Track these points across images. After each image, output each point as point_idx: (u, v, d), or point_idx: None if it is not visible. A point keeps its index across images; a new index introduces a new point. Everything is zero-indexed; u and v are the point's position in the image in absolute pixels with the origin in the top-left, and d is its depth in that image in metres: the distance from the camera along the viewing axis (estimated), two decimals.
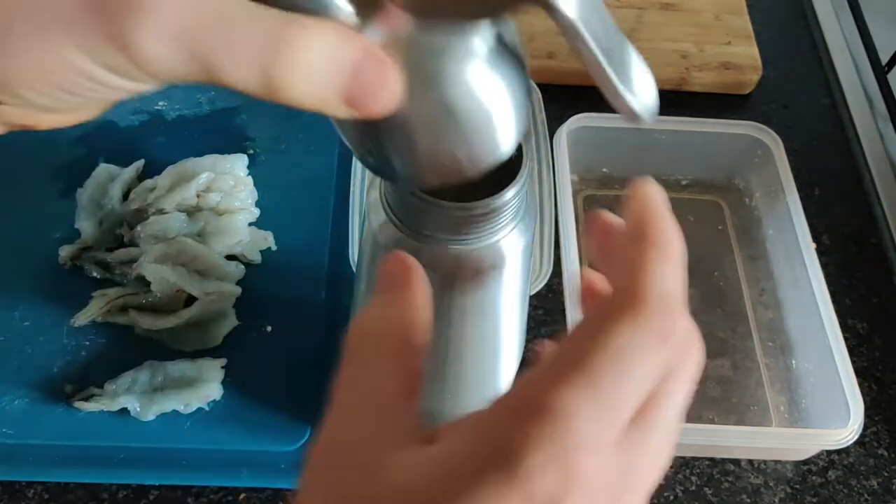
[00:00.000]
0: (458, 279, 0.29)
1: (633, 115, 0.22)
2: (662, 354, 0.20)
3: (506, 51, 0.23)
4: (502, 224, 0.29)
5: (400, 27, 0.22)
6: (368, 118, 0.22)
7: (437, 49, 0.22)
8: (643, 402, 0.20)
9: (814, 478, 0.50)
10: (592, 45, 0.21)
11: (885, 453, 0.51)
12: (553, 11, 0.20)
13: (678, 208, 0.60)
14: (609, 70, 0.22)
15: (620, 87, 0.22)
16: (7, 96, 0.20)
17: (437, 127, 0.23)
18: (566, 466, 0.18)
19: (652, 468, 0.21)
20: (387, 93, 0.21)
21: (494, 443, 0.19)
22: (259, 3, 0.20)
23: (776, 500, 0.49)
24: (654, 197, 0.23)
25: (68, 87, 0.20)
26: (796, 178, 0.57)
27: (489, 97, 0.23)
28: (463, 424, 0.20)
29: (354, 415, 0.22)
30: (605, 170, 0.63)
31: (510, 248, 0.29)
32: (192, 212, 0.54)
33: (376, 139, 0.24)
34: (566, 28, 0.21)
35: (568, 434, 0.18)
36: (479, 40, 0.22)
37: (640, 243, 0.22)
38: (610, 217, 0.25)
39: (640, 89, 0.23)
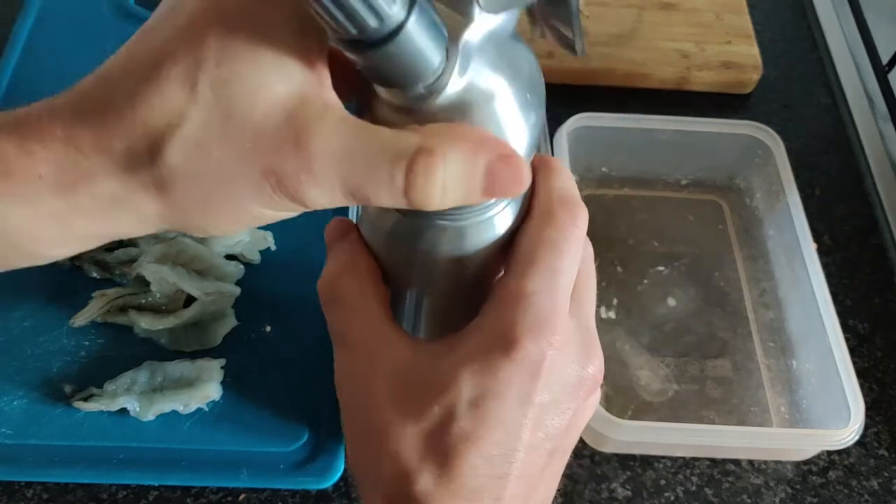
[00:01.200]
0: (456, 256, 0.29)
1: (578, 51, 0.27)
2: (576, 232, 0.29)
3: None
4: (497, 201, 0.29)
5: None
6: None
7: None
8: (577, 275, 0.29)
9: (814, 478, 0.50)
10: None
11: (886, 454, 0.51)
12: None
13: (678, 208, 0.62)
14: (574, 7, 0.26)
15: (576, 27, 0.26)
16: (198, 234, 0.26)
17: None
18: (544, 330, 0.27)
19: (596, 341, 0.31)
20: (519, 186, 0.25)
21: (495, 334, 0.28)
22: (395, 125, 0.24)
23: (776, 500, 0.49)
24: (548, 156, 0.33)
25: (244, 227, 0.26)
26: (797, 177, 0.57)
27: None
28: (470, 327, 0.29)
29: (364, 348, 0.30)
30: (605, 169, 0.62)
31: (504, 223, 0.30)
32: None
33: None
34: None
35: (538, 308, 0.27)
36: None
37: (541, 170, 0.30)
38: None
39: (580, 34, 0.27)
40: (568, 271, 0.29)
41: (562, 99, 0.62)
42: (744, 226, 0.61)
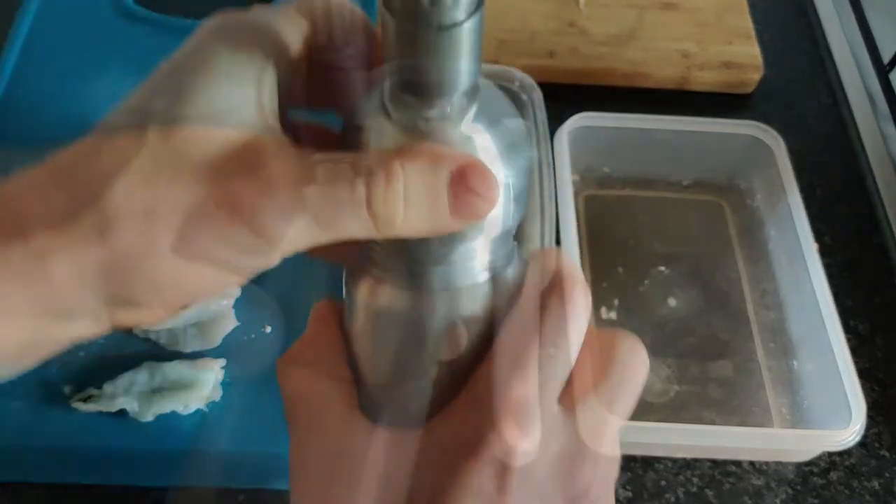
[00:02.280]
0: (464, 315, 0.27)
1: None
2: (573, 311, 0.25)
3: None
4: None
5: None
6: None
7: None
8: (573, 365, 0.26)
9: (815, 479, 0.50)
10: None
11: (887, 454, 0.51)
12: None
13: (679, 209, 0.62)
14: None
15: None
16: (146, 304, 0.23)
17: None
18: (514, 429, 0.24)
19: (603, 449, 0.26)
20: (492, 194, 0.23)
21: (460, 430, 0.25)
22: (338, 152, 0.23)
23: (777, 501, 0.49)
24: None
25: (203, 288, 0.23)
26: (798, 178, 0.57)
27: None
28: (437, 420, 0.26)
29: (316, 432, 0.28)
30: (606, 169, 0.62)
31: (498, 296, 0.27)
32: None
33: None
34: None
35: (511, 402, 0.24)
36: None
37: (534, 259, 0.27)
38: None
39: None
40: (555, 361, 0.25)
41: (562, 99, 0.61)
42: (745, 226, 0.61)
